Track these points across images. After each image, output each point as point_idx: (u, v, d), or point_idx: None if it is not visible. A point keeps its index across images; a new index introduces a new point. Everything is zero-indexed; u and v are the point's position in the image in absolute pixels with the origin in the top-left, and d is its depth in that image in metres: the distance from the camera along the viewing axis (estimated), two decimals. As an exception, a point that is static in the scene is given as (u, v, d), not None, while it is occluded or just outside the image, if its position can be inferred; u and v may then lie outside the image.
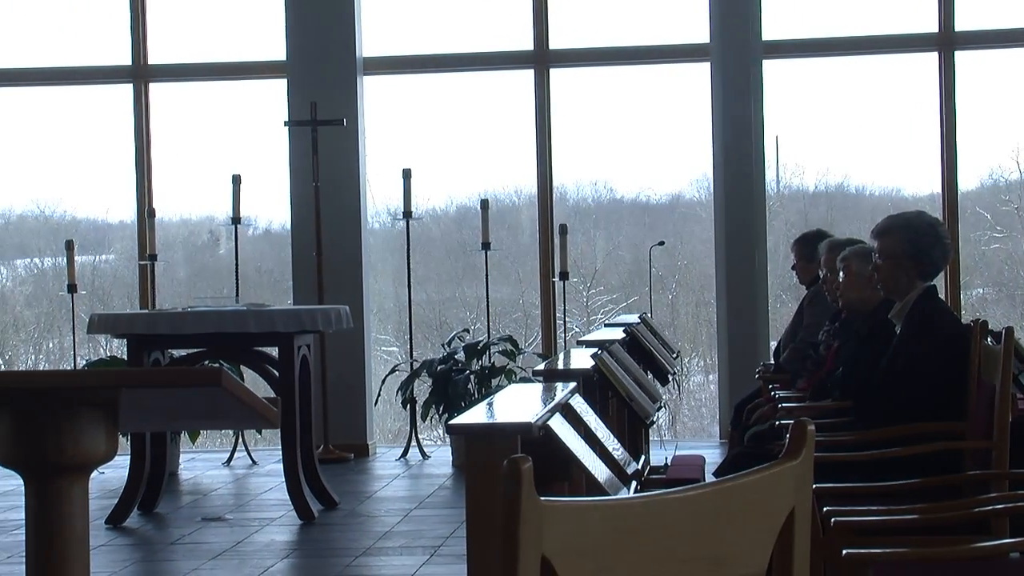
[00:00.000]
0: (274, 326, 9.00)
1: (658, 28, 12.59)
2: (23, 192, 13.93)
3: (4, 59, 12.76)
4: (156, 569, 7.98)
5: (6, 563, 7.91)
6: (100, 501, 9.26)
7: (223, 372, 2.85)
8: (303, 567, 7.91)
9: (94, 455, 3.00)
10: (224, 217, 12.57)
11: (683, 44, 12.47)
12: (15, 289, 14.86)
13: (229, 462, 11.79)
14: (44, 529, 2.98)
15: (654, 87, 12.97)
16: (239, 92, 12.97)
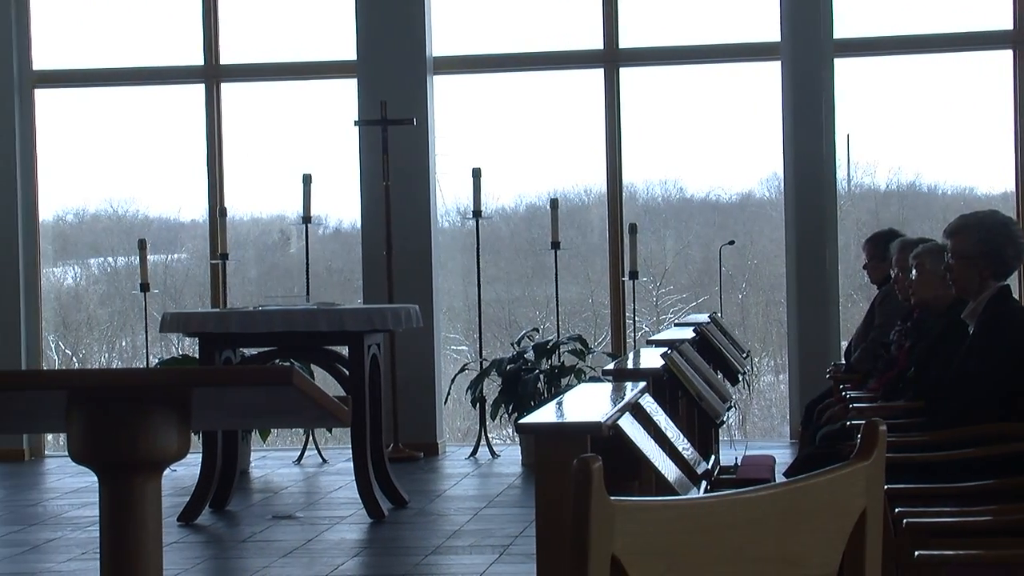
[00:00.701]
0: (344, 325, 9.04)
1: (728, 27, 12.54)
2: (97, 191, 14.06)
3: (79, 60, 12.88)
4: (227, 566, 8.03)
5: (80, 559, 7.99)
6: (172, 498, 9.33)
7: (294, 371, 2.86)
8: (373, 565, 7.94)
9: (167, 453, 3.02)
10: (295, 216, 12.63)
11: (754, 43, 12.42)
12: (89, 288, 15.00)
13: (299, 460, 11.85)
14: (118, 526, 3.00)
15: (724, 86, 12.92)
16: (310, 92, 13.03)
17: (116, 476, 3.01)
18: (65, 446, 3.05)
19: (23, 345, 12.49)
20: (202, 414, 3.25)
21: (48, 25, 12.80)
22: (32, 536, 8.78)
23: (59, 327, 14.39)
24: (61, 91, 12.99)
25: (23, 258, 12.55)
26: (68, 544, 8.46)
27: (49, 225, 13.30)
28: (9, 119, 12.52)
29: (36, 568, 7.85)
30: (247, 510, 9.62)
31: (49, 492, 10.64)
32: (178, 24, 12.83)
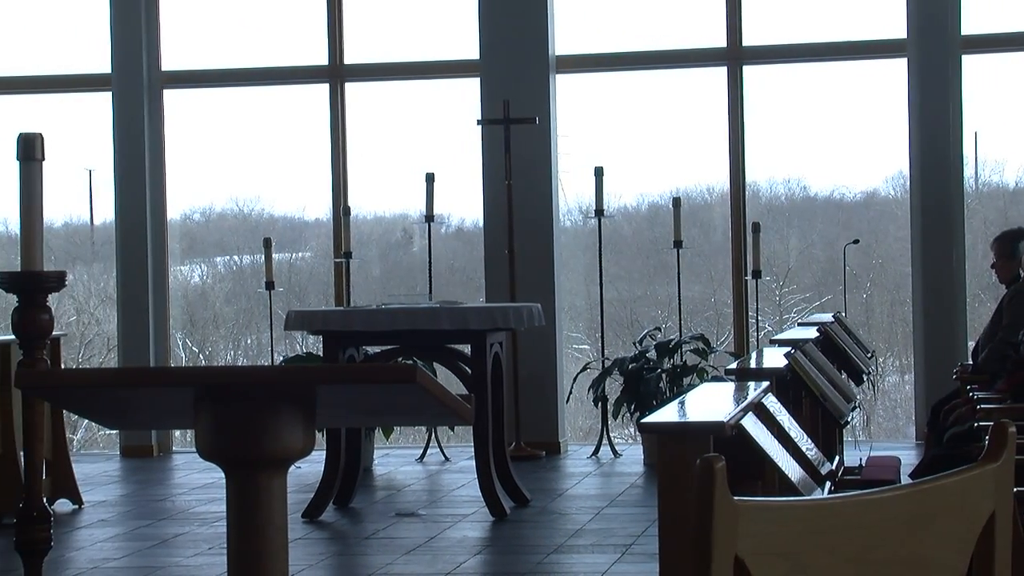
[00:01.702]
0: (467, 323, 9.06)
1: (854, 24, 12.42)
2: (223, 190, 14.23)
3: (207, 60, 13.04)
4: (351, 563, 8.09)
5: (207, 554, 8.09)
6: (297, 495, 9.41)
7: (418, 370, 2.88)
8: (495, 563, 7.96)
9: (292, 450, 3.05)
10: (417, 215, 12.69)
11: (880, 40, 12.29)
12: (215, 286, 15.18)
13: (422, 458, 11.91)
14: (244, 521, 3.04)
15: (849, 83, 12.80)
16: (433, 91, 13.09)
17: (243, 472, 3.05)
18: (192, 442, 3.10)
19: (151, 342, 12.67)
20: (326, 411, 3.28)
21: (177, 27, 12.97)
22: (160, 531, 8.91)
23: (186, 325, 14.58)
24: (189, 91, 13.15)
25: (151, 256, 12.72)
26: (195, 539, 8.57)
27: (177, 224, 13.47)
28: (139, 120, 12.70)
29: (164, 562, 7.96)
30: (370, 507, 9.69)
31: (177, 487, 10.78)
32: (303, 24, 12.94)
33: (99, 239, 14.37)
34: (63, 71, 13.04)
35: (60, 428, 9.88)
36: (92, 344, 15.26)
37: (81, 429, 14.75)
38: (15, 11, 13.29)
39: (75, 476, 9.94)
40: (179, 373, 3.71)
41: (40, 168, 5.02)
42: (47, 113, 13.28)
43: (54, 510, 9.30)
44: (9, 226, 13.48)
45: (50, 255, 12.89)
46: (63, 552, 8.16)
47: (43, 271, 5.04)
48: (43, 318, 5.06)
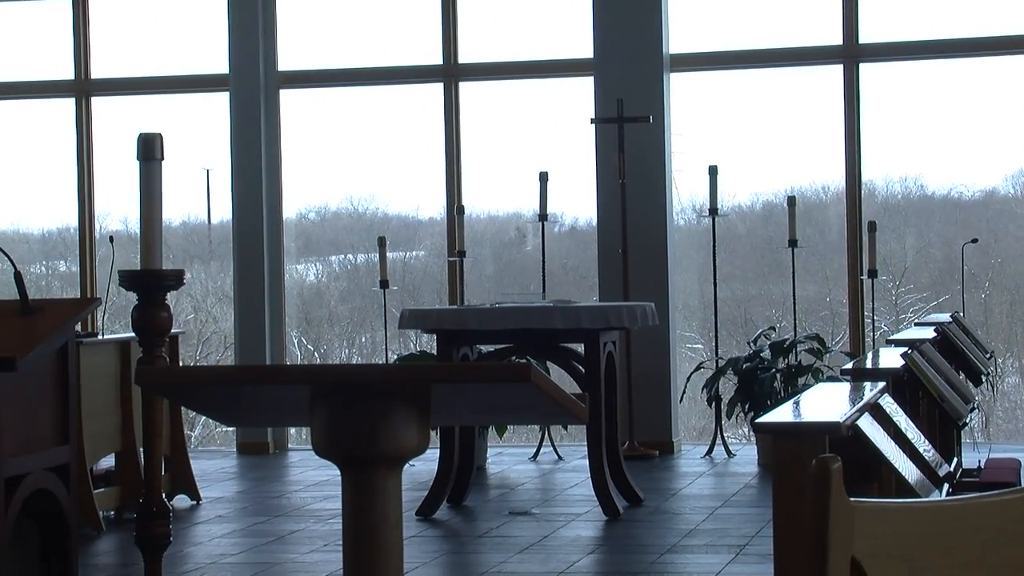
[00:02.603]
0: (580, 322, 9.06)
1: (973, 20, 12.27)
2: (337, 189, 14.32)
3: (322, 60, 13.14)
4: (464, 561, 8.11)
5: (322, 551, 8.15)
6: (411, 493, 9.46)
7: (533, 368, 2.88)
8: (608, 563, 7.95)
9: (407, 448, 3.07)
10: (531, 214, 12.71)
11: (1000, 36, 12.13)
12: (330, 285, 15.29)
13: (535, 457, 11.92)
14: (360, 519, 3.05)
15: (967, 80, 12.65)
16: (546, 90, 13.09)
17: (358, 470, 3.06)
18: (308, 440, 3.12)
19: (267, 340, 12.79)
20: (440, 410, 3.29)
21: (293, 27, 13.08)
22: (276, 527, 8.99)
23: (301, 323, 14.70)
24: (305, 91, 13.26)
25: (268, 255, 12.85)
26: (311, 536, 8.64)
27: (292, 223, 13.59)
28: (255, 120, 12.83)
29: (280, 559, 8.04)
30: (484, 506, 9.72)
31: (292, 484, 10.87)
32: (418, 24, 13.00)
33: (216, 238, 14.53)
34: (182, 72, 13.21)
35: (178, 425, 10.01)
36: (209, 342, 15.44)
37: (199, 426, 14.93)
38: (136, 14, 13.47)
39: (193, 472, 10.06)
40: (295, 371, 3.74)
41: (159, 168, 5.09)
42: (166, 113, 13.46)
43: (173, 506, 9.42)
44: (129, 225, 13.67)
45: (168, 254, 13.04)
46: (182, 547, 8.26)
47: (162, 269, 5.10)
48: (162, 316, 5.13)
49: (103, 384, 9.28)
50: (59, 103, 13.41)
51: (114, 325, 12.97)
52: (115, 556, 8.41)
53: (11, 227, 14.32)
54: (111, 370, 9.40)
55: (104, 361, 9.32)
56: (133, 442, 9.41)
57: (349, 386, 3.04)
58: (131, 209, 13.48)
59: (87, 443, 8.73)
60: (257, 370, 3.99)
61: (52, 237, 14.64)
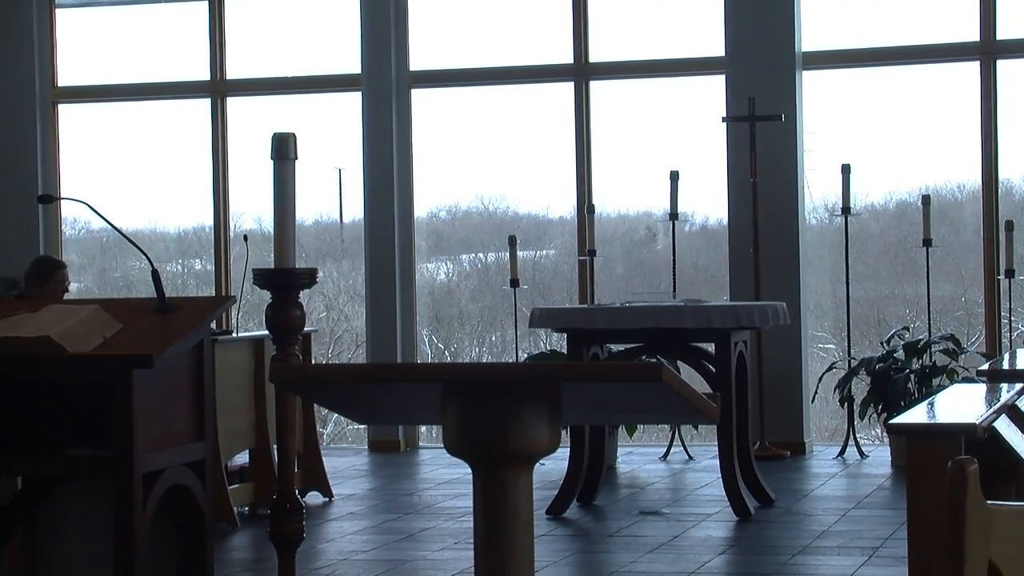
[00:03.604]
0: (711, 322, 9.02)
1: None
2: (468, 188, 14.37)
3: (452, 60, 13.19)
4: (594, 560, 8.11)
5: (453, 548, 8.18)
6: (541, 492, 9.46)
7: (664, 368, 2.88)
8: (739, 563, 7.91)
9: (537, 446, 3.07)
10: (661, 213, 12.67)
11: None
12: (460, 283, 15.35)
13: (666, 456, 11.88)
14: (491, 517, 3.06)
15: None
16: (677, 88, 13.05)
17: (489, 468, 3.07)
18: (438, 438, 3.14)
19: (399, 339, 12.87)
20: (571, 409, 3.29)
21: (425, 27, 13.14)
22: (407, 525, 9.04)
23: (432, 321, 14.77)
24: (436, 91, 13.32)
25: (399, 254, 12.92)
26: (441, 533, 8.68)
27: (423, 222, 13.66)
28: (387, 119, 12.92)
29: (411, 556, 8.08)
30: (614, 505, 9.70)
31: (423, 482, 10.93)
32: (548, 23, 13.01)
33: (348, 237, 14.65)
34: (315, 72, 13.33)
35: (311, 422, 10.11)
36: (341, 340, 15.56)
37: (331, 423, 15.06)
38: (271, 15, 13.62)
39: (325, 469, 10.15)
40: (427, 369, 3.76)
41: (293, 167, 5.14)
42: (300, 113, 13.59)
43: (306, 502, 9.52)
44: (263, 224, 13.82)
45: (301, 252, 13.18)
46: (314, 544, 8.34)
47: (295, 268, 5.15)
48: (295, 314, 5.17)
49: (237, 381, 9.39)
50: (195, 104, 13.59)
51: (248, 323, 13.12)
52: (249, 551, 8.51)
53: (148, 226, 14.54)
54: (245, 367, 9.51)
55: (238, 359, 9.43)
56: (266, 439, 9.52)
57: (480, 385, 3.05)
58: (265, 208, 13.63)
59: (222, 440, 8.83)
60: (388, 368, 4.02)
61: (188, 236, 14.84)
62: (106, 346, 5.14)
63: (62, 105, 13.72)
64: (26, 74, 13.49)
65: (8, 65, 13.48)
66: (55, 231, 13.68)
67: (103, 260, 15.05)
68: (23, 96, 13.50)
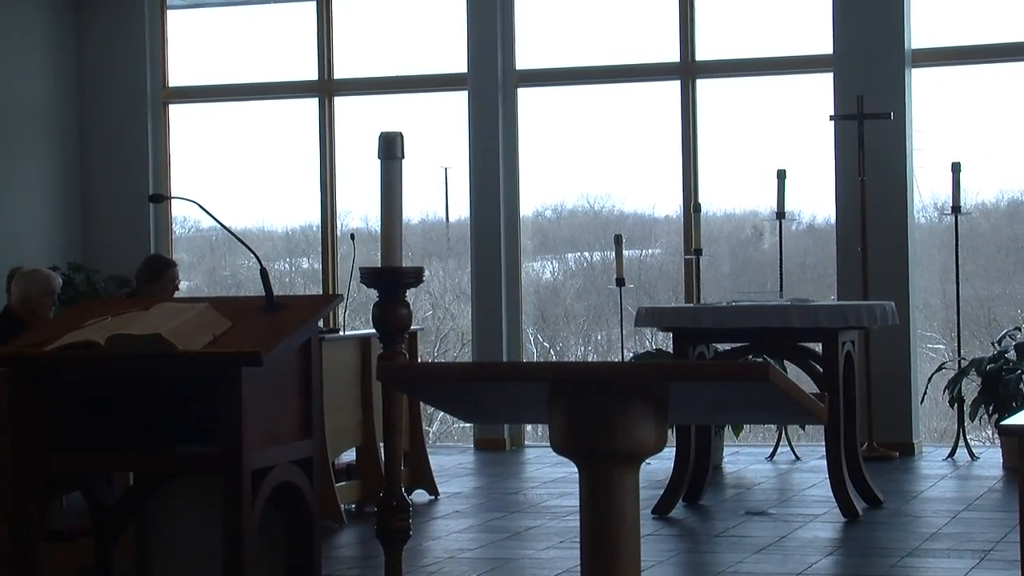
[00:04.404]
0: (818, 321, 8.96)
1: None
2: (574, 187, 14.36)
3: (558, 58, 13.18)
4: (701, 560, 8.08)
5: (559, 547, 8.18)
6: (647, 491, 9.41)
7: (771, 368, 2.86)
8: (847, 565, 7.84)
9: (644, 446, 3.07)
10: (768, 212, 12.59)
11: None
12: (566, 282, 15.34)
13: (772, 457, 11.81)
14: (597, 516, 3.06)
15: None
16: (784, 86, 12.96)
17: (596, 467, 3.07)
18: (544, 436, 3.14)
19: (504, 338, 12.89)
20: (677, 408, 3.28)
21: (531, 25, 13.15)
22: (513, 523, 9.06)
23: (537, 320, 14.78)
24: (542, 90, 13.32)
25: (505, 253, 12.95)
26: (547, 532, 8.68)
27: (529, 220, 13.67)
28: (493, 118, 12.94)
29: (517, 554, 8.09)
30: (720, 505, 9.66)
31: (529, 481, 10.94)
32: (653, 22, 12.98)
33: (454, 236, 14.69)
34: (422, 72, 13.38)
35: (417, 420, 10.15)
36: (447, 338, 15.62)
37: (436, 422, 15.12)
38: (378, 15, 13.69)
39: (431, 468, 10.19)
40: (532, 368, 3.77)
41: (400, 166, 5.16)
42: (406, 112, 13.65)
43: (412, 500, 9.56)
44: (369, 223, 13.90)
45: (408, 251, 13.24)
46: (421, 541, 8.38)
47: (402, 267, 5.17)
48: (402, 313, 5.20)
49: (344, 379, 9.44)
50: (303, 103, 13.70)
51: (355, 321, 13.19)
52: (356, 549, 8.56)
53: (256, 225, 14.67)
54: (352, 366, 9.57)
55: (345, 357, 9.49)
56: (373, 437, 9.57)
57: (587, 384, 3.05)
58: (372, 207, 13.71)
59: (329, 437, 8.89)
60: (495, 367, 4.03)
61: (295, 235, 14.95)
62: (215, 344, 5.19)
63: (172, 105, 13.88)
64: (138, 75, 13.66)
65: (120, 66, 13.65)
66: (166, 230, 13.84)
67: (212, 259, 15.21)
68: (135, 96, 13.68)
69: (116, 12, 13.63)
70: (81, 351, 5.19)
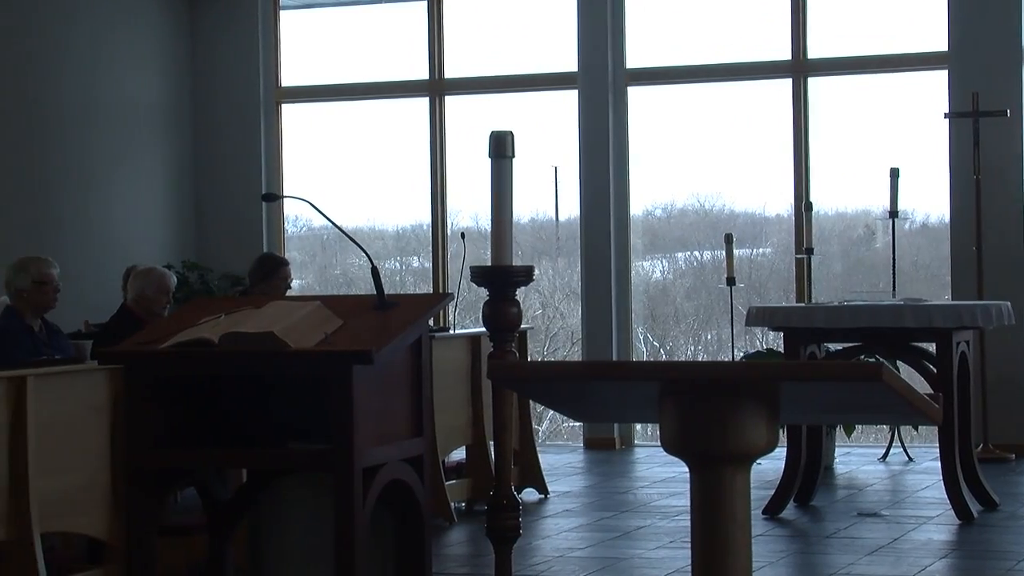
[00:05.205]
0: (932, 321, 8.86)
1: None
2: (684, 186, 14.32)
3: (668, 57, 13.14)
4: (812, 561, 8.02)
5: (668, 547, 8.16)
6: (757, 491, 9.34)
7: (885, 368, 2.83)
8: (961, 568, 7.75)
9: (755, 446, 3.05)
10: (880, 210, 12.48)
11: None
12: (676, 281, 15.30)
13: (885, 458, 11.70)
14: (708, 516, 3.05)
15: None
16: (897, 84, 12.84)
17: (707, 467, 3.06)
18: (654, 436, 3.14)
19: (614, 337, 12.87)
20: (789, 408, 3.26)
21: (641, 24, 13.12)
22: (623, 523, 9.04)
23: (647, 319, 14.75)
24: (652, 88, 13.27)
25: (615, 252, 12.93)
26: (657, 532, 8.66)
27: (639, 219, 13.65)
28: (603, 117, 12.94)
29: (626, 554, 8.08)
30: (831, 506, 9.59)
31: (639, 480, 10.92)
32: (767, 19, 12.90)
33: (564, 234, 14.70)
34: (532, 71, 13.39)
35: (527, 419, 10.16)
36: (556, 337, 15.63)
37: (546, 420, 15.13)
38: (488, 14, 13.73)
39: (541, 466, 10.20)
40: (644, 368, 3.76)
41: (510, 165, 5.17)
42: (516, 111, 13.67)
43: (522, 499, 9.57)
44: (480, 221, 13.94)
45: (518, 250, 13.27)
46: (530, 540, 8.39)
47: (512, 266, 5.18)
48: (512, 311, 5.21)
49: (454, 378, 9.48)
50: (414, 102, 13.76)
51: (464, 320, 13.24)
52: (466, 547, 8.59)
53: (367, 224, 14.77)
54: (462, 364, 9.61)
55: (455, 355, 9.53)
56: (483, 435, 9.60)
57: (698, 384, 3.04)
58: (482, 206, 13.76)
59: (439, 436, 8.93)
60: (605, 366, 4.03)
61: (406, 234, 15.03)
62: (327, 342, 5.23)
63: (285, 105, 14.00)
64: (251, 75, 13.80)
65: (234, 66, 13.80)
66: (278, 229, 13.97)
67: (324, 257, 15.33)
68: (248, 96, 13.82)
69: (230, 13, 13.77)
70: (195, 349, 5.26)
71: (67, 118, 12.59)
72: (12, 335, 8.17)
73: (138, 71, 13.39)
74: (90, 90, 12.83)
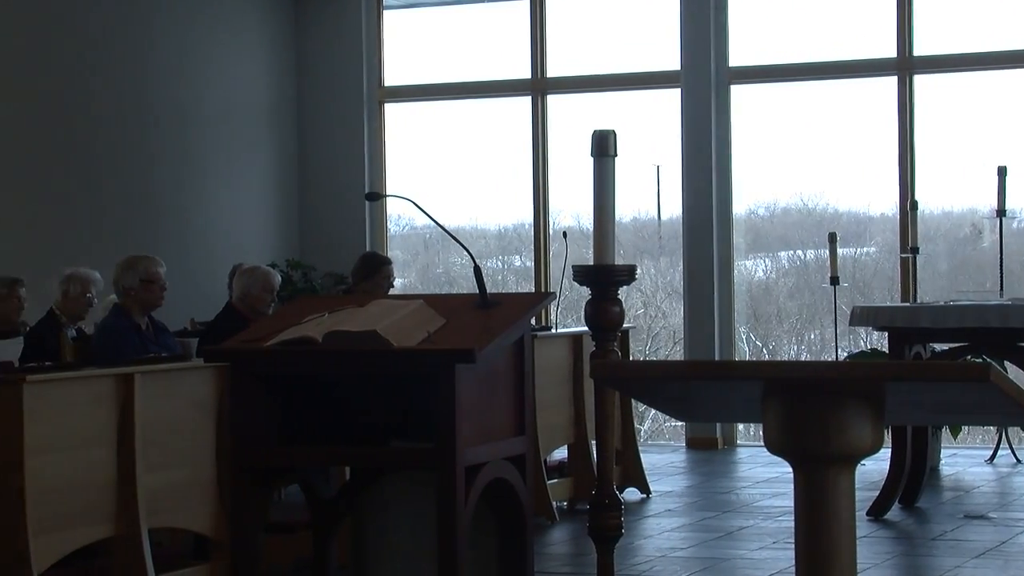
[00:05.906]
0: (1039, 321, 8.75)
1: None
2: (787, 186, 14.24)
3: (771, 55, 13.07)
4: (917, 563, 7.94)
5: (771, 548, 8.12)
6: (862, 492, 9.26)
7: (992, 368, 2.80)
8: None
9: (860, 446, 3.03)
10: (987, 209, 12.33)
11: None
12: (778, 281, 15.21)
13: (992, 459, 11.57)
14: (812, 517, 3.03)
15: None
16: (1006, 81, 12.68)
17: (811, 467, 3.04)
18: (756, 436, 3.12)
19: (716, 336, 12.82)
20: (894, 409, 3.23)
21: (745, 22, 13.06)
22: (725, 523, 9.01)
23: (750, 319, 14.67)
24: (755, 87, 13.21)
25: (717, 251, 12.88)
26: (760, 532, 8.62)
27: (742, 219, 13.58)
28: (706, 116, 12.89)
29: (728, 554, 8.05)
30: (937, 508, 9.49)
31: (741, 480, 10.87)
32: (870, 17, 12.79)
33: (666, 234, 14.66)
34: (634, 70, 13.36)
35: (629, 418, 10.15)
36: (658, 337, 15.59)
37: (648, 420, 15.10)
38: (590, 13, 13.72)
39: (643, 466, 10.18)
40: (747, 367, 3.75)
41: (613, 164, 5.16)
42: (619, 110, 13.65)
43: (624, 498, 9.56)
44: (582, 221, 13.93)
45: (620, 249, 13.25)
46: (632, 539, 8.38)
47: (614, 265, 5.17)
48: (614, 311, 5.20)
49: (556, 377, 9.48)
50: (516, 101, 13.78)
51: (566, 319, 13.24)
52: (568, 546, 8.59)
53: (469, 223, 14.80)
54: (564, 363, 9.61)
55: (557, 354, 9.53)
56: (585, 434, 9.59)
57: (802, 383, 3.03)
58: (584, 205, 13.73)
59: (541, 435, 8.93)
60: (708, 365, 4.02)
61: (508, 233, 15.05)
62: (430, 341, 5.24)
63: (388, 104, 14.07)
64: (355, 74, 13.88)
65: (338, 66, 13.89)
66: (381, 228, 14.04)
67: (426, 256, 15.39)
68: (352, 96, 13.90)
69: (334, 13, 13.86)
70: (299, 347, 5.29)
71: (175, 118, 12.73)
72: (120, 333, 8.26)
73: (244, 71, 13.51)
74: (198, 90, 12.98)
